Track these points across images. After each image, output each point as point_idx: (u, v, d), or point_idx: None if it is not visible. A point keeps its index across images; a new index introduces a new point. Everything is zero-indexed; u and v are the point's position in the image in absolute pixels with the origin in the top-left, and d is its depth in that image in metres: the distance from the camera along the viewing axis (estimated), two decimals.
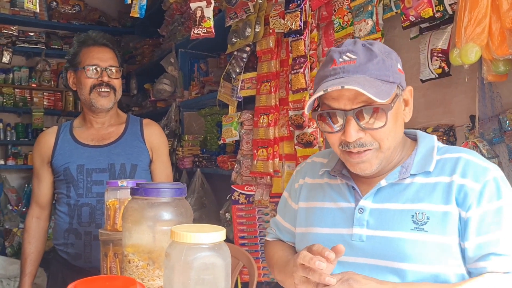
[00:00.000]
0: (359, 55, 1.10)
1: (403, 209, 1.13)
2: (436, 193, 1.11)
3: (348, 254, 1.14)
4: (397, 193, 1.16)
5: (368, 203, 1.18)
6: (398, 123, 1.15)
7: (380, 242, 1.14)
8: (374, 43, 1.15)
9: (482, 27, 1.51)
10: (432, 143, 1.19)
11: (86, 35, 2.05)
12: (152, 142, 2.07)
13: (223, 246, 0.92)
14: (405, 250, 1.10)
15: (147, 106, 4.87)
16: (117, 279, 0.98)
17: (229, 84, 2.88)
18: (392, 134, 1.13)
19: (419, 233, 1.09)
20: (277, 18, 2.46)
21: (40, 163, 2.04)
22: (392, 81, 1.10)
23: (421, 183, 1.14)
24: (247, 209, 2.77)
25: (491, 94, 1.75)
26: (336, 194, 1.26)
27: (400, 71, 1.14)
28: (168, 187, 1.12)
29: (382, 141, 1.12)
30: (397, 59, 1.15)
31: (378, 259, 1.13)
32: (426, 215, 1.10)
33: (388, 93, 1.07)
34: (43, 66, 5.47)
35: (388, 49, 1.16)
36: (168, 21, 4.35)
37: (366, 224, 1.17)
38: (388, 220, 1.14)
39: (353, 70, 1.09)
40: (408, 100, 1.18)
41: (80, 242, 1.93)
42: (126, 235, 1.15)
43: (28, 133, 5.47)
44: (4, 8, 5.15)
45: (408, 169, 1.16)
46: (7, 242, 4.80)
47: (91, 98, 1.96)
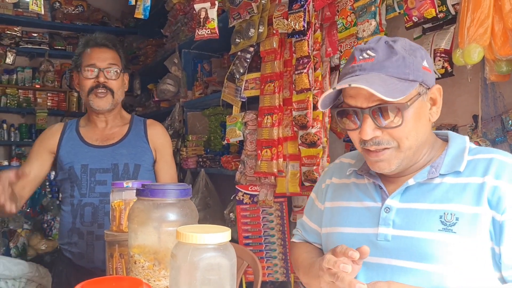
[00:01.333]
0: (378, 53, 1.10)
1: (431, 209, 1.10)
2: (466, 193, 1.08)
3: (373, 254, 1.12)
4: (425, 193, 1.13)
5: (395, 202, 1.16)
6: (421, 122, 1.12)
7: (406, 242, 1.11)
8: (398, 40, 1.13)
9: (485, 28, 1.51)
10: (464, 144, 1.16)
11: (90, 36, 2.05)
12: (155, 142, 2.08)
13: (229, 246, 0.92)
14: (432, 251, 1.07)
15: (151, 106, 4.88)
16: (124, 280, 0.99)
17: (233, 85, 2.88)
18: (413, 133, 1.10)
19: (447, 234, 1.06)
20: (281, 19, 2.46)
21: (41, 148, 2.01)
22: (413, 79, 1.08)
23: (451, 183, 1.11)
24: (252, 209, 2.77)
25: (493, 94, 1.75)
26: (362, 193, 1.25)
27: (426, 69, 1.11)
28: (174, 188, 1.13)
29: (401, 140, 1.10)
30: (423, 56, 1.11)
31: (403, 260, 1.11)
32: (455, 216, 1.06)
33: (403, 92, 1.05)
34: (46, 66, 5.49)
35: (415, 46, 1.13)
36: (171, 22, 4.36)
37: (392, 223, 1.14)
38: (415, 220, 1.11)
39: (370, 68, 1.10)
40: (436, 99, 1.14)
41: (83, 241, 1.93)
42: (132, 236, 1.16)
43: (32, 133, 5.50)
44: (7, 9, 5.17)
45: (438, 169, 1.13)
46: (11, 243, 4.81)
47: (89, 99, 1.98)
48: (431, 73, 1.12)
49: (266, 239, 2.74)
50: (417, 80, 1.08)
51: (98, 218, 1.93)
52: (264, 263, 2.73)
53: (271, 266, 2.74)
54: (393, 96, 1.03)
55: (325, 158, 2.36)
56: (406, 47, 1.11)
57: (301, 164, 2.42)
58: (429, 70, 1.12)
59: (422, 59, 1.11)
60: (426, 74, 1.10)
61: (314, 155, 2.36)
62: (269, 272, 2.74)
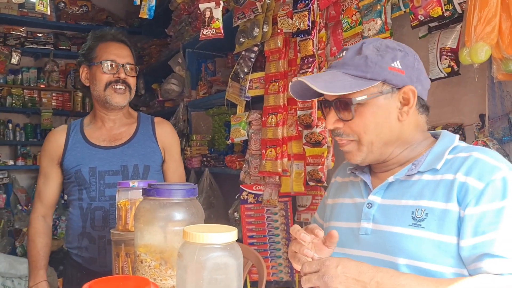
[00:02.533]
0: (348, 53, 1.18)
1: (406, 205, 1.14)
2: (438, 190, 1.11)
3: (355, 247, 1.21)
4: (404, 190, 1.17)
5: (377, 198, 1.21)
6: (383, 119, 1.16)
7: (381, 236, 1.16)
8: (376, 41, 1.18)
9: (492, 26, 1.50)
10: (450, 143, 1.18)
11: (104, 30, 2.00)
12: (164, 141, 2.03)
13: (235, 246, 0.93)
14: (401, 245, 1.11)
15: (155, 106, 4.89)
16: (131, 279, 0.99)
17: (237, 84, 2.88)
18: (372, 129, 1.16)
19: (415, 229, 1.10)
20: (285, 18, 2.46)
21: (49, 162, 1.98)
22: (371, 78, 1.13)
23: (427, 180, 1.14)
24: (256, 208, 2.77)
25: (500, 93, 1.74)
26: (354, 190, 1.31)
27: (394, 69, 1.14)
28: (180, 188, 1.13)
29: (359, 134, 1.17)
30: (395, 58, 1.14)
31: (379, 253, 1.15)
32: (425, 212, 1.10)
33: (350, 87, 1.12)
34: (51, 66, 5.51)
35: (392, 48, 1.16)
36: (175, 21, 4.36)
37: (372, 218, 1.19)
38: (391, 215, 1.16)
39: (335, 66, 1.20)
40: (409, 99, 1.16)
41: (95, 246, 1.88)
42: (138, 235, 1.16)
43: (37, 133, 5.51)
44: (12, 10, 5.18)
45: (418, 166, 1.17)
46: (17, 242, 4.83)
47: (106, 94, 1.90)
48: (404, 74, 1.14)
49: (271, 238, 2.74)
50: (376, 79, 1.13)
51: (109, 222, 1.87)
52: (269, 262, 2.73)
53: (275, 265, 2.74)
54: (331, 90, 1.12)
55: (330, 157, 2.36)
56: (381, 48, 1.15)
57: (306, 163, 2.42)
58: (401, 71, 1.14)
59: (393, 60, 1.14)
60: (393, 74, 1.13)
61: (319, 155, 2.35)
62: (273, 272, 2.73)
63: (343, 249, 1.24)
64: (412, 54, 1.18)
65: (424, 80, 1.20)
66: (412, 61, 1.16)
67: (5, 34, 5.24)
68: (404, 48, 1.18)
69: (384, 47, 1.16)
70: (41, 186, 2.02)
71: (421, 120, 1.22)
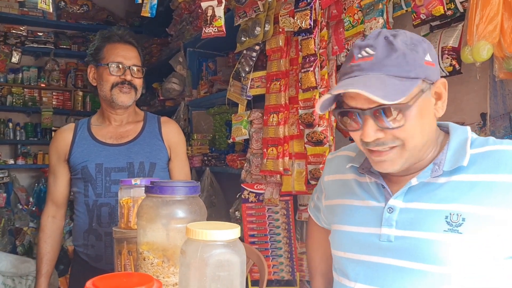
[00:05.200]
0: (377, 50, 1.04)
1: (437, 209, 1.06)
2: (474, 192, 1.03)
3: (375, 254, 1.13)
4: (430, 192, 1.09)
5: (398, 202, 1.12)
6: (426, 119, 1.07)
7: (410, 243, 1.08)
8: (399, 34, 1.07)
9: (494, 25, 1.51)
10: (465, 135, 1.10)
11: (111, 30, 2.01)
12: (170, 140, 2.05)
13: (238, 243, 0.92)
14: (434, 251, 1.04)
15: (156, 105, 4.89)
16: (134, 276, 0.99)
17: (239, 83, 2.88)
18: (418, 132, 1.05)
19: (453, 234, 1.02)
20: (287, 17, 2.46)
21: (57, 160, 2.01)
22: (414, 77, 1.02)
23: (457, 181, 1.06)
24: (257, 207, 2.77)
25: (502, 92, 1.74)
26: (364, 192, 1.22)
27: (429, 63, 1.05)
28: (182, 185, 1.13)
29: (406, 140, 1.05)
30: (425, 50, 1.05)
31: (405, 260, 1.08)
32: (461, 217, 1.02)
33: (403, 92, 0.99)
34: (52, 66, 5.51)
35: (417, 39, 1.07)
36: (176, 20, 4.36)
37: (395, 224, 1.11)
38: (419, 220, 1.08)
39: (369, 67, 1.04)
40: (441, 93, 1.08)
41: (101, 243, 1.89)
42: (140, 232, 1.16)
43: (37, 132, 5.51)
44: (13, 8, 5.19)
45: (441, 166, 1.08)
46: (17, 241, 4.83)
47: (112, 94, 1.93)
48: (435, 66, 1.06)
49: (272, 237, 2.74)
50: (419, 77, 1.03)
51: (115, 219, 1.87)
52: (270, 261, 2.73)
53: (276, 264, 2.74)
54: (392, 99, 0.98)
55: None
56: (408, 41, 1.05)
57: (307, 162, 2.42)
58: (433, 64, 1.06)
59: (425, 53, 1.05)
60: (429, 69, 1.04)
61: (320, 154, 2.35)
62: (274, 271, 2.73)
63: (362, 256, 1.17)
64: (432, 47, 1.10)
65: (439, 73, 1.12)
66: (435, 54, 1.08)
67: (5, 33, 5.24)
68: (424, 38, 1.09)
69: (410, 40, 1.06)
70: (51, 184, 2.05)
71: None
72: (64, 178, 2.02)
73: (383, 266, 1.12)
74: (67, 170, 2.01)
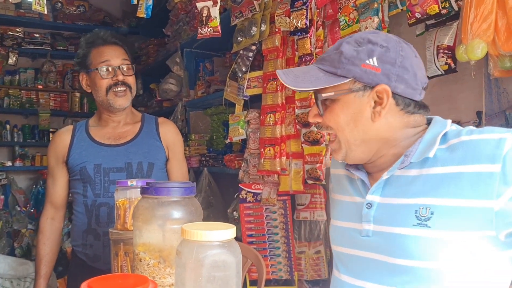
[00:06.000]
0: (332, 47, 1.15)
1: (408, 204, 1.07)
2: (444, 185, 1.02)
3: (358, 248, 1.17)
4: (404, 187, 1.09)
5: (376, 197, 1.14)
6: (357, 118, 1.11)
7: (383, 238, 1.10)
8: (360, 34, 1.13)
9: (488, 23, 1.51)
10: (442, 128, 1.09)
11: (94, 34, 2.02)
12: (168, 140, 2.06)
13: (234, 243, 0.92)
14: (405, 246, 1.05)
15: (153, 106, 4.89)
16: (130, 277, 0.99)
17: (235, 83, 2.88)
18: (344, 126, 1.12)
19: (421, 229, 1.03)
20: (283, 17, 2.46)
21: (55, 162, 2.02)
22: (341, 75, 1.08)
23: (429, 174, 1.06)
24: (255, 207, 2.77)
25: (497, 90, 1.75)
26: (352, 188, 1.25)
27: (368, 66, 1.07)
28: (178, 186, 1.13)
29: (336, 131, 1.15)
30: (371, 54, 1.07)
31: (381, 255, 1.11)
32: (430, 210, 1.02)
33: (316, 83, 1.10)
34: (48, 67, 5.50)
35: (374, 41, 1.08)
36: (173, 21, 4.36)
37: (372, 219, 1.13)
38: (393, 215, 1.09)
39: (317, 60, 1.18)
40: (382, 99, 1.08)
41: (99, 243, 1.90)
42: (136, 234, 1.16)
43: (35, 134, 5.51)
44: (9, 10, 5.18)
45: (409, 157, 1.09)
46: (16, 243, 4.82)
47: (108, 99, 1.94)
48: (379, 71, 1.07)
49: (270, 237, 2.74)
50: (346, 76, 1.08)
51: (113, 219, 1.88)
52: (268, 261, 2.73)
53: (275, 264, 2.74)
54: (296, 85, 1.12)
55: (328, 155, 2.36)
56: (362, 42, 1.09)
57: (304, 162, 2.42)
58: (375, 69, 1.07)
59: (369, 57, 1.07)
60: (365, 72, 1.07)
61: (317, 153, 2.36)
62: (273, 270, 2.74)
63: (348, 250, 1.21)
64: (395, 50, 1.08)
65: (411, 78, 1.09)
66: (393, 58, 1.07)
67: (2, 34, 5.23)
68: (388, 43, 1.09)
69: (366, 42, 1.09)
70: (50, 186, 2.06)
71: (411, 120, 1.13)
72: (62, 180, 2.03)
73: (365, 260, 1.15)
74: (65, 172, 2.02)
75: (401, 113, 1.11)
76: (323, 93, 1.12)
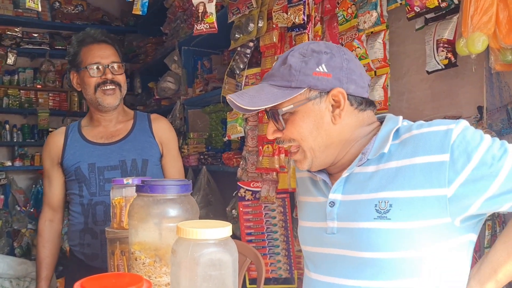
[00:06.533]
0: (276, 63, 1.19)
1: (367, 199, 1.12)
2: (399, 177, 1.08)
3: (325, 245, 1.21)
4: (363, 183, 1.14)
5: (338, 196, 1.18)
6: (318, 125, 1.15)
7: (347, 233, 1.14)
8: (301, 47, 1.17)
9: (489, 16, 1.48)
10: (394, 125, 1.15)
11: (84, 33, 2.01)
12: (161, 136, 2.06)
13: (230, 241, 0.91)
14: (368, 239, 1.09)
15: (152, 105, 4.88)
16: (124, 276, 0.97)
17: (233, 80, 2.86)
18: (307, 135, 1.15)
19: (381, 221, 1.08)
20: (280, 13, 2.44)
21: (50, 164, 2.03)
22: (296, 86, 1.12)
23: (385, 169, 1.11)
24: (254, 205, 2.76)
25: (499, 84, 1.73)
26: (315, 189, 1.29)
27: (319, 74, 1.12)
28: (174, 184, 1.11)
29: (299, 141, 1.17)
30: (319, 62, 1.13)
31: (347, 249, 1.15)
32: (388, 203, 1.08)
33: (274, 99, 1.12)
34: (47, 67, 5.49)
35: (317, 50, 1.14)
36: (170, 19, 4.34)
37: (336, 217, 1.18)
38: (354, 211, 1.14)
39: (265, 78, 1.20)
40: (340, 101, 1.14)
41: (97, 241, 1.91)
42: (132, 232, 1.14)
43: (34, 134, 5.50)
44: (7, 10, 5.16)
45: (366, 154, 1.14)
46: (15, 243, 4.82)
47: (97, 97, 1.94)
48: (330, 77, 1.13)
49: (269, 235, 2.73)
50: (301, 87, 1.12)
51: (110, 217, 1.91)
52: (267, 259, 2.72)
53: (274, 262, 2.72)
54: (255, 105, 1.13)
55: None
56: (306, 53, 1.14)
57: None
58: (326, 74, 1.13)
59: (318, 65, 1.12)
60: (318, 80, 1.12)
61: None
62: (272, 269, 2.72)
63: (315, 248, 1.25)
64: (339, 54, 1.15)
65: (359, 78, 1.16)
66: (339, 62, 1.14)
67: (0, 34, 5.21)
68: (331, 50, 1.15)
69: (310, 52, 1.14)
70: (46, 188, 2.08)
71: (364, 117, 1.19)
72: (58, 182, 2.05)
73: (332, 256, 1.18)
74: (61, 173, 2.03)
75: (355, 112, 1.17)
76: (282, 107, 1.15)
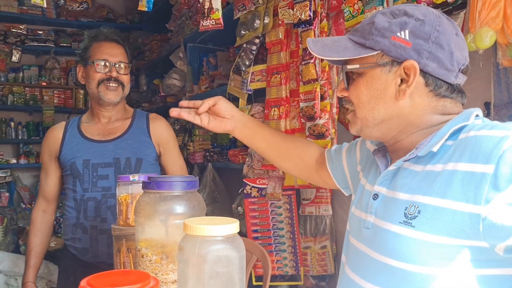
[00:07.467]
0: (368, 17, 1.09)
1: (401, 199, 0.99)
2: (436, 183, 0.94)
3: (359, 239, 1.11)
4: (406, 180, 1.01)
5: (383, 189, 1.07)
6: (378, 94, 1.04)
7: (376, 232, 1.04)
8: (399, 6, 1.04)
9: (497, 11, 1.47)
10: (460, 121, 0.98)
11: (98, 30, 2.07)
12: (158, 136, 2.09)
13: (237, 238, 0.90)
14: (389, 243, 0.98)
15: (157, 102, 4.87)
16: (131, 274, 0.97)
17: (239, 77, 2.86)
18: (364, 102, 1.05)
19: (405, 227, 0.95)
20: (286, 9, 2.43)
21: (48, 157, 2.08)
22: (369, 46, 1.01)
23: (429, 171, 0.97)
24: (260, 202, 2.75)
25: (506, 80, 1.71)
26: (371, 174, 1.17)
27: (399, 39, 0.98)
28: (180, 180, 1.11)
29: (356, 106, 1.08)
30: (404, 27, 0.98)
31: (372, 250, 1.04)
32: (418, 209, 0.94)
33: (342, 53, 1.04)
34: (52, 64, 5.49)
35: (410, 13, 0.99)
36: (176, 16, 4.33)
37: (374, 211, 1.07)
38: (387, 209, 1.03)
39: (351, 30, 1.13)
40: (410, 76, 0.99)
41: (87, 236, 1.95)
42: (139, 229, 1.14)
43: (39, 131, 5.50)
44: (12, 7, 5.16)
45: (419, 150, 0.99)
46: (21, 240, 4.83)
47: (99, 91, 1.98)
48: (409, 46, 0.98)
49: (275, 232, 2.72)
50: (374, 48, 1.00)
51: (101, 213, 1.95)
52: (274, 256, 2.71)
53: (280, 259, 2.72)
54: (322, 54, 1.08)
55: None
56: (397, 13, 1.01)
57: None
58: (406, 43, 0.98)
59: (401, 29, 0.98)
60: (394, 45, 0.99)
61: (323, 147, 2.32)
62: (278, 266, 2.72)
63: (351, 238, 1.16)
64: (431, 24, 0.98)
65: (446, 57, 0.98)
66: (427, 33, 0.97)
67: (5, 32, 5.22)
68: (426, 17, 0.99)
69: (402, 13, 1.00)
70: (43, 180, 2.14)
71: (440, 104, 1.02)
72: (55, 175, 2.10)
73: (361, 253, 1.09)
74: (58, 167, 2.08)
75: (430, 95, 1.01)
76: (349, 64, 1.06)
